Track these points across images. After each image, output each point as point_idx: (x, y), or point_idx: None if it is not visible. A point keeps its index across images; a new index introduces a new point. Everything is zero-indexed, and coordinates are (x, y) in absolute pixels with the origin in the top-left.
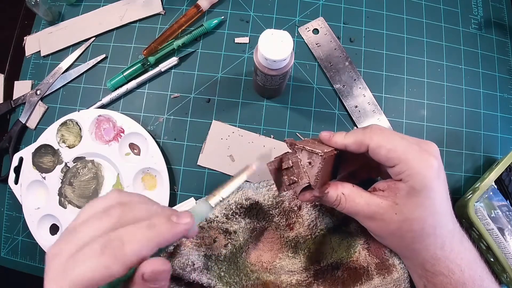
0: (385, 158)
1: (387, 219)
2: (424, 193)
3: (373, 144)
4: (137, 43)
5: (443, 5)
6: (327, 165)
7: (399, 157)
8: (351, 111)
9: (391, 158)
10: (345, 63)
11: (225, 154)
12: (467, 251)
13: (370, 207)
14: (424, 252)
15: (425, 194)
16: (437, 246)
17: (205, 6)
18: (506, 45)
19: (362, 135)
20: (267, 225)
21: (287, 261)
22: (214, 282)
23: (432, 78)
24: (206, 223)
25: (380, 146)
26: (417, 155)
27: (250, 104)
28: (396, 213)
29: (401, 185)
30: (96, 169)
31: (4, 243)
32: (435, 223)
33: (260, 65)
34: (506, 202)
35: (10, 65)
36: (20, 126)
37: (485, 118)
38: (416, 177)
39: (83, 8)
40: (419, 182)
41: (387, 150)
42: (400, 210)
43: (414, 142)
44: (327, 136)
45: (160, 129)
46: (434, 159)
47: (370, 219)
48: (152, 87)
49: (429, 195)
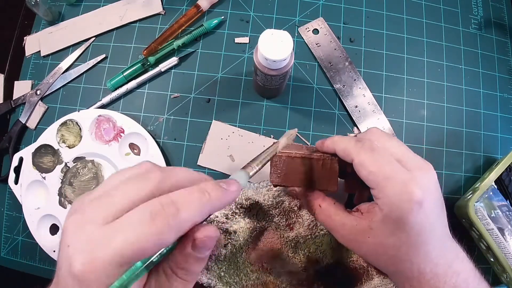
0: (365, 178)
1: (360, 242)
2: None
3: (357, 161)
4: (137, 43)
5: (443, 5)
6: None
7: (378, 182)
8: (351, 111)
9: (370, 181)
10: (345, 63)
11: (225, 154)
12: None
13: (344, 226)
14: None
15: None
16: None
17: (205, 6)
18: (506, 45)
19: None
20: (267, 225)
21: (287, 261)
22: (214, 282)
23: (432, 78)
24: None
25: (362, 165)
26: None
27: (250, 104)
28: (369, 237)
29: (377, 211)
30: (96, 169)
31: (4, 243)
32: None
33: (260, 65)
34: (506, 202)
35: (10, 65)
36: (20, 126)
37: (485, 118)
38: (391, 208)
39: (83, 8)
40: (393, 213)
41: (368, 171)
42: (374, 235)
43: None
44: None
45: (160, 129)
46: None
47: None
48: (152, 87)
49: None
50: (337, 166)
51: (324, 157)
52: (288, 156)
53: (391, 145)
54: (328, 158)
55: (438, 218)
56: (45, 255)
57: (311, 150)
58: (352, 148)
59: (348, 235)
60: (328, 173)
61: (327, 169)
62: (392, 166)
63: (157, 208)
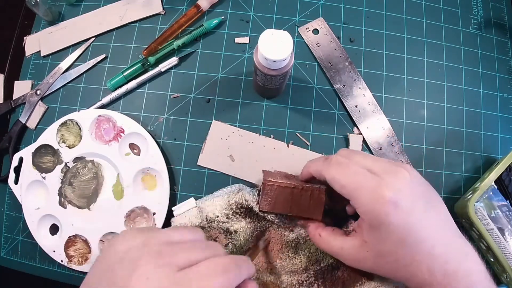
0: (340, 191)
1: (362, 258)
2: (383, 228)
3: (328, 177)
4: (137, 43)
5: (443, 5)
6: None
7: (350, 193)
8: (351, 111)
9: (344, 193)
10: (345, 63)
11: (225, 154)
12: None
13: (344, 250)
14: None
15: (385, 230)
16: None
17: (205, 6)
18: (506, 45)
19: (321, 166)
20: (267, 225)
21: (287, 261)
22: None
23: (432, 78)
24: (207, 223)
25: (333, 179)
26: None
27: (250, 104)
28: (367, 250)
29: (363, 222)
30: (96, 169)
31: (4, 243)
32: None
33: (260, 65)
34: (506, 202)
35: (10, 65)
36: (20, 126)
37: (485, 118)
38: (370, 215)
39: (83, 8)
40: (374, 219)
41: (340, 185)
42: (370, 246)
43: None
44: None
45: (160, 129)
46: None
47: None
48: (152, 87)
49: (389, 230)
50: (323, 197)
51: (313, 188)
52: (279, 186)
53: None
54: (316, 189)
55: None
56: (45, 255)
57: None
58: (320, 166)
59: (348, 255)
60: (315, 203)
61: (314, 199)
62: (359, 176)
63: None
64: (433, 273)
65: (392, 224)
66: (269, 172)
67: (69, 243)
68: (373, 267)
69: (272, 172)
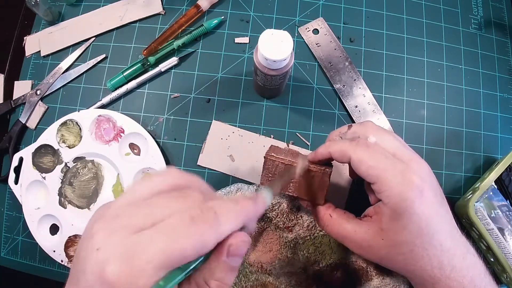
0: (365, 174)
1: (375, 246)
2: (406, 215)
3: (355, 157)
4: (137, 43)
5: (443, 5)
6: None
7: (378, 175)
8: (351, 111)
9: (370, 175)
10: (345, 63)
11: (225, 154)
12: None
13: (357, 234)
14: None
15: (407, 217)
16: (434, 266)
17: (205, 6)
18: (506, 45)
19: (347, 146)
20: (266, 226)
21: (286, 262)
22: None
23: (432, 78)
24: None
25: (361, 161)
26: (398, 175)
27: (250, 104)
28: (383, 238)
29: (384, 209)
30: (96, 169)
31: (4, 243)
32: (425, 245)
33: (260, 65)
34: (506, 202)
35: (10, 65)
36: (20, 126)
37: (485, 118)
38: (395, 199)
39: (83, 8)
40: (399, 204)
41: (367, 166)
42: (386, 235)
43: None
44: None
45: (160, 129)
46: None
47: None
48: (152, 87)
49: (412, 218)
50: (327, 181)
51: (316, 170)
52: (281, 163)
53: (385, 139)
54: (320, 171)
55: (441, 207)
56: (45, 255)
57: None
58: (347, 147)
59: (361, 241)
60: (318, 186)
61: (317, 182)
62: (388, 159)
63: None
64: (442, 267)
65: (416, 213)
66: (276, 148)
67: (69, 243)
68: (384, 257)
69: (281, 148)
